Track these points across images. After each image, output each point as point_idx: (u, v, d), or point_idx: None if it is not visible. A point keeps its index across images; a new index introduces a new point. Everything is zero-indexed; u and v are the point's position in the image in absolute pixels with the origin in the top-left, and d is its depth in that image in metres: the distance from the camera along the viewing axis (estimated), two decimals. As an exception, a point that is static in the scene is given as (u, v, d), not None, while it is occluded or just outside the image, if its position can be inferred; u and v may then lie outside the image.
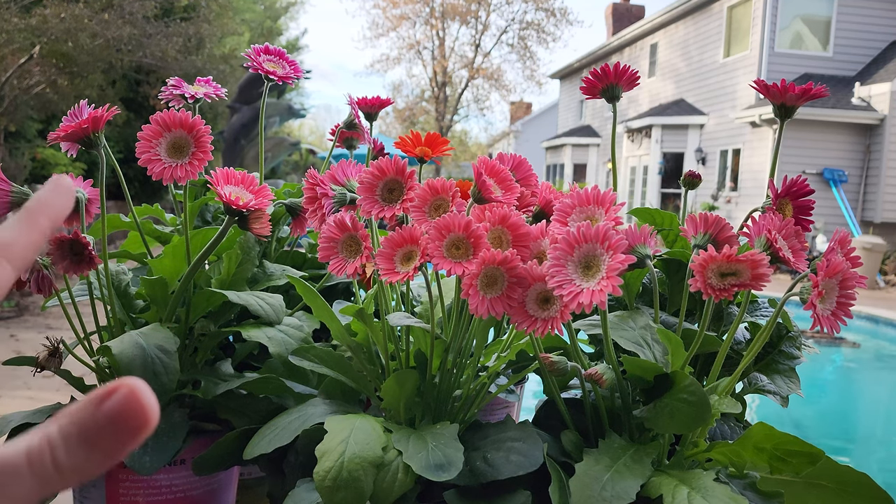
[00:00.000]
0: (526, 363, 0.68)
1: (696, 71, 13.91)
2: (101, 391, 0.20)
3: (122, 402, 0.19)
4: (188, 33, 8.52)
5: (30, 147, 8.48)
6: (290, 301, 0.79)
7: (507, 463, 0.54)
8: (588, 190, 0.57)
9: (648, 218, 0.74)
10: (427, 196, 0.59)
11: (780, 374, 0.66)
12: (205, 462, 0.65)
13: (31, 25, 6.91)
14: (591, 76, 0.65)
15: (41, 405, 0.71)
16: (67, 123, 0.65)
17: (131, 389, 0.20)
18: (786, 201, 0.59)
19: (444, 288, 0.70)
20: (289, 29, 23.72)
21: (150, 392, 0.20)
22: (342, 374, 0.66)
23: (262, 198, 0.65)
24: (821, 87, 0.60)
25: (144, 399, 0.20)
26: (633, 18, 19.05)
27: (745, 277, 0.49)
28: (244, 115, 9.11)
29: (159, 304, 0.72)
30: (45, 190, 0.25)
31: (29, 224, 0.24)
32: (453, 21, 22.59)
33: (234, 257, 0.75)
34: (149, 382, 0.63)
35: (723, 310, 0.69)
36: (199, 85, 0.76)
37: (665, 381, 0.55)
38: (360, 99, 0.81)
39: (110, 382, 0.20)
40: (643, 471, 0.51)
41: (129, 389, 0.20)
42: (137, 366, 0.63)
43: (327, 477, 0.51)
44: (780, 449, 0.51)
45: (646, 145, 14.40)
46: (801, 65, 11.98)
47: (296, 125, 28.39)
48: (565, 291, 0.49)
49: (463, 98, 23.75)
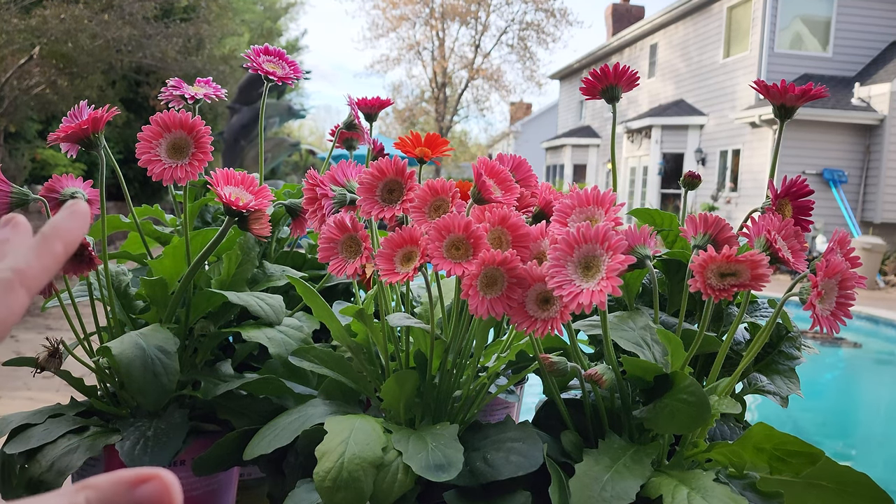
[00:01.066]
0: (526, 364, 0.68)
1: (696, 71, 13.92)
2: (133, 476, 0.20)
3: (156, 495, 0.20)
4: (188, 34, 8.52)
5: (30, 148, 8.48)
6: (289, 302, 0.79)
7: (507, 463, 0.54)
8: (588, 190, 0.57)
9: (648, 218, 0.74)
10: (427, 197, 0.59)
11: (780, 374, 0.66)
12: (205, 463, 0.65)
13: (31, 26, 6.91)
14: (590, 77, 0.65)
15: (41, 406, 0.71)
16: (67, 124, 0.65)
17: (165, 484, 0.20)
18: (785, 202, 0.59)
19: (444, 288, 0.70)
20: (288, 29, 23.72)
21: (179, 489, 0.20)
22: (342, 375, 0.66)
23: (262, 198, 0.65)
24: (820, 88, 0.60)
25: (175, 496, 0.20)
26: (633, 19, 19.06)
27: (745, 278, 0.49)
28: (244, 115, 9.12)
29: (159, 304, 0.72)
30: (61, 215, 0.25)
31: (44, 250, 0.24)
32: (453, 22, 22.60)
33: (234, 258, 0.75)
34: (148, 383, 0.63)
35: (722, 310, 0.69)
36: (199, 86, 0.76)
37: (665, 382, 0.55)
38: (360, 99, 0.81)
39: (143, 470, 0.20)
40: (643, 471, 0.51)
41: (164, 483, 0.20)
42: (137, 366, 0.63)
43: (327, 477, 0.51)
44: (779, 449, 0.51)
45: (645, 146, 14.40)
46: (801, 65, 11.99)
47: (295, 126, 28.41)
48: (565, 292, 0.49)
49: (463, 99, 23.77)
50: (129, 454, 0.62)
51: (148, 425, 0.65)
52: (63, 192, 0.69)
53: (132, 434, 0.64)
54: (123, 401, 0.71)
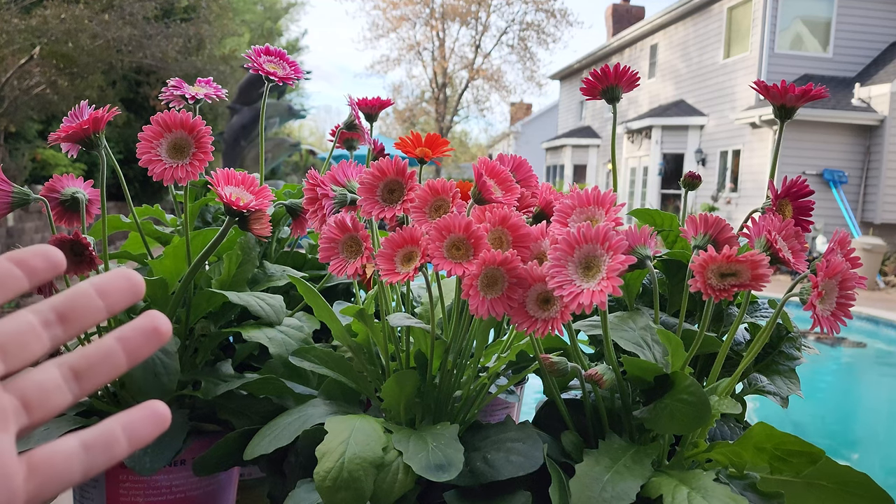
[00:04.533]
0: (526, 364, 0.68)
1: (696, 72, 13.92)
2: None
3: None
4: (188, 34, 8.52)
5: (30, 148, 8.48)
6: (290, 302, 0.79)
7: (508, 463, 0.54)
8: (588, 191, 0.57)
9: (648, 219, 0.74)
10: (427, 197, 0.59)
11: (780, 374, 0.66)
12: (205, 463, 0.65)
13: (32, 26, 6.91)
14: (591, 77, 0.65)
15: (41, 406, 0.71)
16: (68, 124, 0.65)
17: None
18: (786, 202, 0.59)
19: (445, 289, 0.70)
20: (289, 30, 23.71)
21: None
22: (342, 375, 0.66)
23: (263, 198, 0.65)
24: (821, 88, 0.60)
25: None
26: (633, 19, 19.06)
27: (745, 278, 0.49)
28: (244, 115, 9.11)
29: (160, 304, 0.72)
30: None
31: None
32: (453, 22, 22.61)
33: (235, 258, 0.75)
34: (149, 383, 0.63)
35: (723, 310, 0.69)
36: (200, 86, 0.76)
37: (665, 382, 0.55)
38: (361, 100, 0.81)
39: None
40: (643, 471, 0.51)
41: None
42: (137, 366, 0.63)
43: (327, 477, 0.51)
44: (780, 449, 0.51)
45: (646, 146, 14.40)
46: (801, 66, 11.98)
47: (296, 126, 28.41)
48: (565, 292, 0.49)
49: (463, 99, 23.77)
50: (129, 454, 0.62)
51: (148, 425, 0.65)
52: (63, 191, 0.69)
53: (132, 434, 0.64)
54: (123, 401, 0.71)
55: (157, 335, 0.28)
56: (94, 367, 0.27)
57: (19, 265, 0.26)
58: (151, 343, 0.27)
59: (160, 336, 0.28)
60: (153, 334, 0.27)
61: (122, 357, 0.27)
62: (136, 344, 0.27)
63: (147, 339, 0.27)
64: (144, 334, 0.27)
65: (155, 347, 0.28)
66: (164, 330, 0.28)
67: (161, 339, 0.28)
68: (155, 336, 0.28)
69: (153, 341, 0.28)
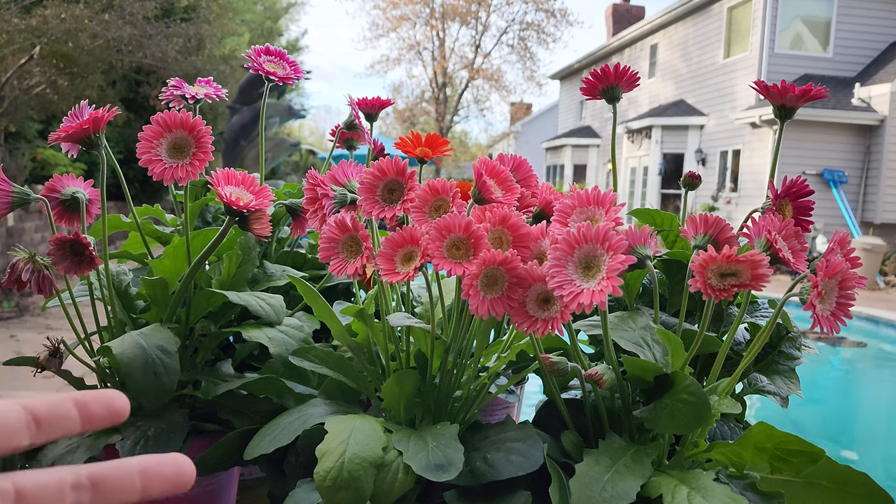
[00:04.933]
0: (526, 364, 0.68)
1: (696, 72, 13.92)
2: None
3: None
4: (188, 34, 8.51)
5: (30, 148, 8.48)
6: (290, 301, 0.79)
7: (508, 463, 0.54)
8: (588, 190, 0.57)
9: (648, 219, 0.74)
10: (427, 197, 0.59)
11: (780, 374, 0.66)
12: (205, 462, 0.65)
13: (32, 26, 6.90)
14: (591, 77, 0.65)
15: (42, 405, 0.71)
16: (68, 124, 0.65)
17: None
18: (786, 202, 0.59)
19: (445, 288, 0.70)
20: (289, 30, 23.71)
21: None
22: (342, 375, 0.66)
23: (263, 198, 0.65)
24: (821, 88, 0.60)
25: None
26: (633, 19, 19.06)
27: (745, 278, 0.49)
28: (244, 115, 9.12)
29: (160, 304, 0.72)
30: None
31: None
32: (453, 22, 22.62)
33: (235, 258, 0.75)
34: (149, 383, 0.63)
35: (723, 310, 0.69)
36: (200, 86, 0.76)
37: (665, 382, 0.55)
38: (361, 100, 0.81)
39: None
40: (643, 471, 0.51)
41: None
42: (138, 366, 0.63)
43: (328, 477, 0.51)
44: (780, 448, 0.52)
45: (646, 146, 14.40)
46: (801, 66, 11.98)
47: (296, 126, 28.41)
48: (565, 292, 0.49)
49: (463, 99, 23.78)
50: (130, 454, 0.62)
51: (149, 425, 0.65)
52: (64, 191, 0.69)
53: (133, 434, 0.64)
54: (124, 400, 0.71)
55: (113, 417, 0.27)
56: None
57: (79, 408, 0.26)
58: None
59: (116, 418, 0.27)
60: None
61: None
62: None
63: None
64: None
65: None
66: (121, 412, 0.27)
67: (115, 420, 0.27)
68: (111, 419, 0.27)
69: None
